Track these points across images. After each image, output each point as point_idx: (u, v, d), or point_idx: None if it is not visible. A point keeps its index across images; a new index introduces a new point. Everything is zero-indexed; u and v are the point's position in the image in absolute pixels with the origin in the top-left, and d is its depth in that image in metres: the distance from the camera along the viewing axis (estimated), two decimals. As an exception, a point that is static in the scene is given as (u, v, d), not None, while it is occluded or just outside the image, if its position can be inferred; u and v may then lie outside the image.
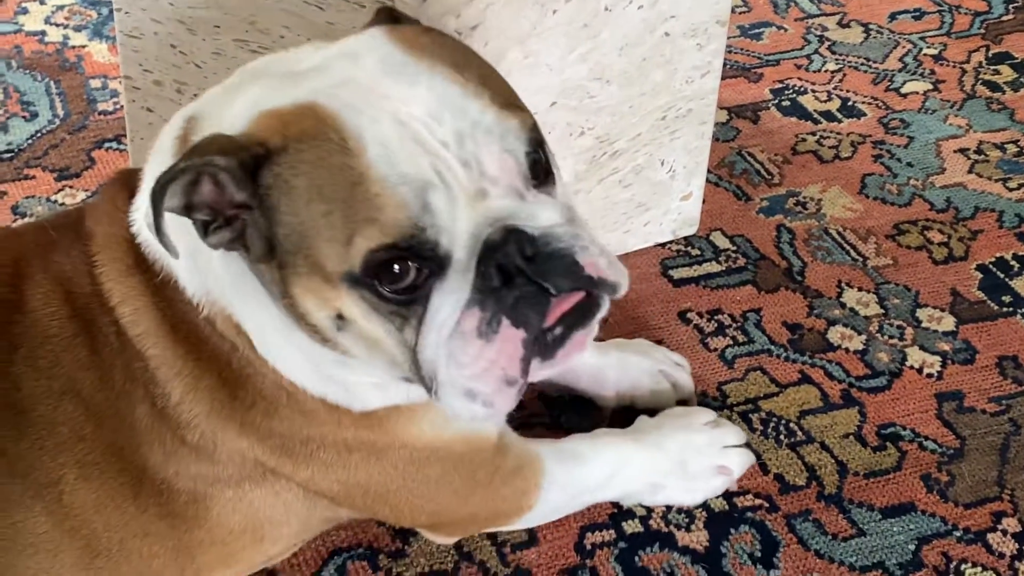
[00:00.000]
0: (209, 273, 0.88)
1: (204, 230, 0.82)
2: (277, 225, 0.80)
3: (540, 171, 0.83)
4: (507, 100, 0.82)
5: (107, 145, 1.56)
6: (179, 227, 0.83)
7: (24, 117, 1.60)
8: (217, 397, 0.90)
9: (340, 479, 0.95)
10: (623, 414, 1.20)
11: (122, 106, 1.42)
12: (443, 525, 1.04)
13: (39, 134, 1.57)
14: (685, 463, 1.12)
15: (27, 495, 0.88)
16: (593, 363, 1.20)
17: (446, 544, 1.08)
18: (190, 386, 0.89)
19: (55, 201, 1.46)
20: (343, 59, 0.83)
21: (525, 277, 0.79)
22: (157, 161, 0.89)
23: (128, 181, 0.93)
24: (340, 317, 0.82)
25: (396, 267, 0.79)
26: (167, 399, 0.89)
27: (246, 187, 0.80)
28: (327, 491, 0.96)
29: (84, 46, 1.76)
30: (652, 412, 1.19)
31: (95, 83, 1.68)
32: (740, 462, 1.14)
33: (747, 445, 1.16)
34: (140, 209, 0.90)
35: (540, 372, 0.83)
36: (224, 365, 0.90)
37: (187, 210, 0.81)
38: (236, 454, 0.92)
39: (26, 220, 1.42)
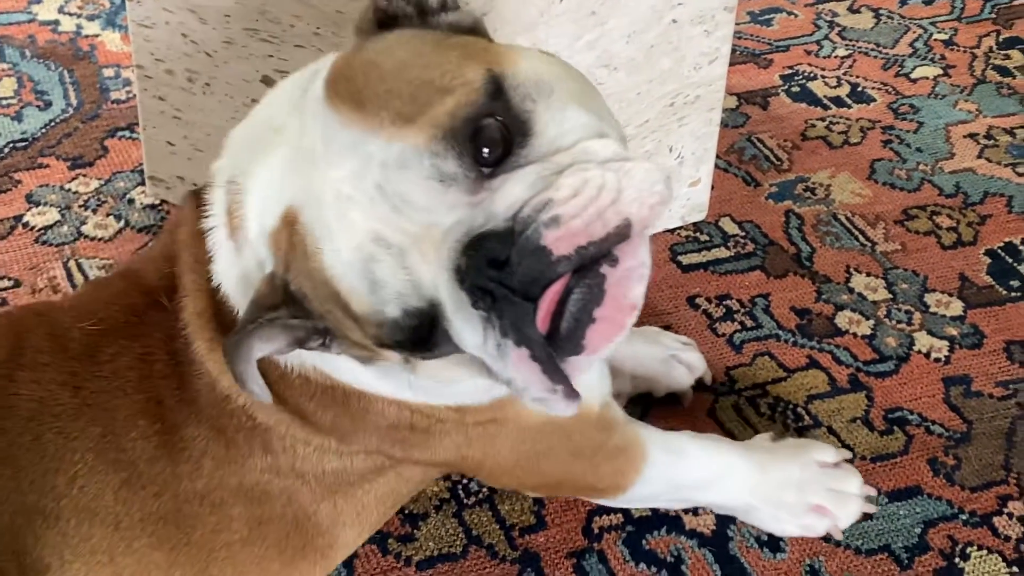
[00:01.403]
0: None
1: (326, 348, 0.82)
2: (323, 324, 0.80)
3: (494, 148, 0.72)
4: (413, 107, 0.72)
5: (120, 134, 1.57)
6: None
7: (38, 106, 1.61)
8: (339, 424, 0.91)
9: (455, 456, 0.96)
10: (641, 400, 1.22)
11: (134, 95, 1.43)
12: (537, 488, 1.06)
13: (53, 123, 1.58)
14: (782, 492, 1.09)
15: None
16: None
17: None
18: (309, 433, 0.91)
19: (69, 190, 1.47)
20: (300, 133, 0.77)
21: (506, 287, 0.71)
22: (218, 236, 0.86)
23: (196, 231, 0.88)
24: (407, 360, 0.81)
25: (409, 335, 0.75)
26: (297, 440, 0.91)
27: (298, 312, 0.79)
28: (442, 465, 0.99)
29: (97, 35, 1.77)
30: (672, 397, 1.21)
31: (108, 72, 1.69)
32: (845, 511, 1.10)
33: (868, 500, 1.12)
34: (219, 272, 0.87)
35: (583, 362, 0.74)
36: (330, 401, 0.90)
37: (296, 346, 0.81)
38: (372, 451, 0.94)
39: (39, 208, 1.44)
